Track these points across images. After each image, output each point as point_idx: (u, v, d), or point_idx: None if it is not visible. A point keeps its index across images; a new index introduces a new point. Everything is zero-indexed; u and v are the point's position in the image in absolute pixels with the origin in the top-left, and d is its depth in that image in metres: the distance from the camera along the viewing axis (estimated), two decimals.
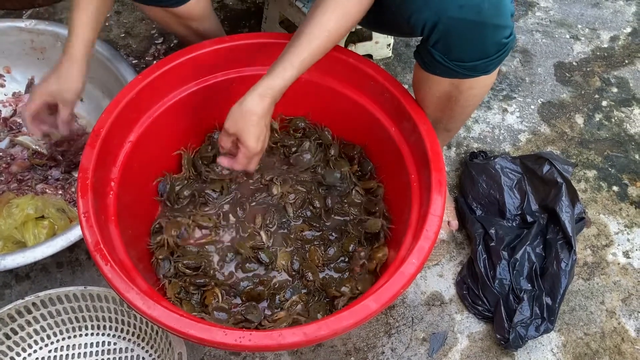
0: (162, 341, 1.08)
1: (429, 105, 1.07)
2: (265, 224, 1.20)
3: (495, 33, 0.90)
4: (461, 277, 1.28)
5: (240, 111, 0.96)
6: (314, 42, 0.94)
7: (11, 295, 1.22)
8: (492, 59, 0.94)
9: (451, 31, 0.90)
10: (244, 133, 0.97)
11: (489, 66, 0.96)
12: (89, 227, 0.92)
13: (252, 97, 0.95)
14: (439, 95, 1.04)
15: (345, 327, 0.85)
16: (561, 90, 1.65)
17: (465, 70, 0.96)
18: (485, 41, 0.91)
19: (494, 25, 0.89)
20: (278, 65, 0.95)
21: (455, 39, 0.91)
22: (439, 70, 0.98)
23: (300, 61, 0.94)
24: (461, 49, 0.93)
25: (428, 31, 0.91)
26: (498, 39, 0.91)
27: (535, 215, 1.30)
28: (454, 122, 1.13)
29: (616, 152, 1.53)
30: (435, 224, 0.95)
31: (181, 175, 1.22)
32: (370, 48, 1.62)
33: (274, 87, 0.95)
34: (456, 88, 1.01)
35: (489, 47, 0.92)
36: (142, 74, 1.09)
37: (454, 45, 0.92)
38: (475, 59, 0.94)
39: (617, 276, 1.32)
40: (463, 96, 1.03)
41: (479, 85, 1.00)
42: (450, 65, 0.95)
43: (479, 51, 0.93)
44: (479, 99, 1.06)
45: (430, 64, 0.98)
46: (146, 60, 1.62)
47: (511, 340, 1.15)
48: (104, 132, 1.01)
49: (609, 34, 1.80)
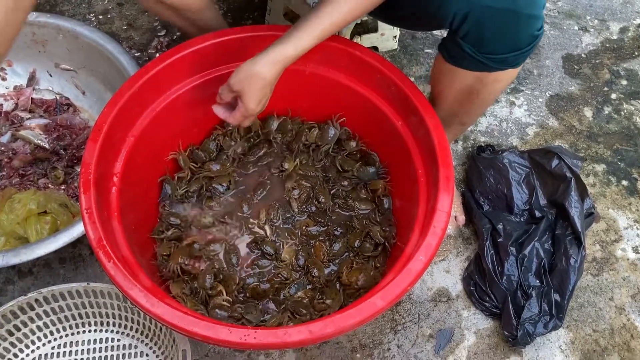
0: (166, 338, 1.07)
1: (448, 98, 1.04)
2: (269, 218, 1.18)
3: (529, 24, 0.87)
4: (468, 273, 1.27)
5: (250, 72, 0.95)
6: (336, 15, 0.92)
7: (14, 291, 1.21)
8: (523, 52, 0.91)
9: (484, 21, 0.87)
10: (248, 94, 0.96)
11: (519, 59, 0.93)
12: (92, 223, 0.91)
13: (264, 61, 0.94)
14: (460, 88, 1.01)
15: (351, 324, 0.84)
16: (569, 82, 1.62)
17: (495, 63, 0.93)
18: (519, 32, 0.88)
19: (528, 15, 0.86)
20: (294, 33, 0.94)
21: (488, 29, 0.88)
22: (466, 63, 0.95)
23: (321, 30, 0.93)
24: (494, 41, 0.90)
25: (458, 22, 0.88)
26: (531, 31, 0.88)
27: (543, 210, 1.28)
28: (470, 116, 1.11)
29: (625, 145, 1.50)
30: (442, 220, 0.93)
31: (184, 175, 1.20)
32: (376, 40, 1.60)
33: (287, 54, 0.94)
34: (480, 81, 0.98)
35: (522, 39, 0.89)
36: (145, 67, 1.07)
37: (486, 37, 0.89)
38: (507, 51, 0.91)
39: (627, 272, 1.30)
40: (486, 89, 1.00)
41: (505, 78, 0.98)
42: (480, 58, 0.92)
43: (511, 43, 0.90)
44: (499, 93, 1.04)
45: (458, 56, 0.95)
46: (149, 53, 1.61)
47: (519, 337, 1.14)
48: (106, 126, 1.00)
49: (619, 25, 1.77)
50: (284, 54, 0.94)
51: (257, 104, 0.98)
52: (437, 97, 1.09)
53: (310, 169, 1.24)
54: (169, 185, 1.18)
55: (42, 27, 1.38)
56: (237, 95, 0.98)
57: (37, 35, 1.39)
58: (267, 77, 0.95)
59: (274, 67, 0.94)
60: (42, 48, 1.42)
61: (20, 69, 1.45)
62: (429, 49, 1.66)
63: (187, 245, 1.12)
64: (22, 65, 1.45)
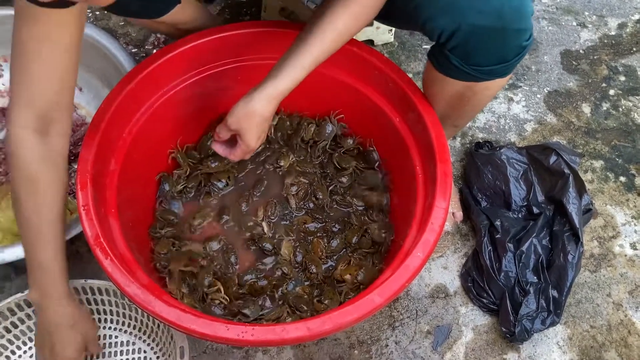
0: (163, 335, 1.07)
1: (440, 103, 1.04)
2: (267, 215, 1.18)
3: (516, 37, 0.87)
4: (466, 270, 1.27)
5: (246, 111, 0.95)
6: (326, 43, 0.92)
7: (11, 288, 1.21)
8: (511, 63, 0.92)
9: (471, 38, 0.87)
10: (247, 132, 0.97)
11: (506, 69, 0.93)
12: (89, 220, 0.91)
13: (260, 98, 0.94)
14: (451, 94, 1.01)
15: (349, 321, 0.84)
16: (568, 78, 1.62)
17: (482, 74, 0.93)
18: (505, 46, 0.88)
19: (515, 30, 0.86)
20: (287, 65, 0.93)
21: (475, 45, 0.88)
22: (454, 73, 0.95)
23: (312, 61, 0.92)
24: (481, 55, 0.90)
25: (445, 38, 0.89)
26: (519, 43, 0.88)
27: (541, 206, 1.28)
28: (463, 119, 1.11)
29: (623, 142, 1.50)
30: (440, 217, 0.93)
31: (182, 172, 1.20)
32: (371, 33, 1.59)
33: (282, 89, 0.93)
34: (470, 89, 0.98)
35: (509, 52, 0.89)
36: (142, 64, 1.07)
37: (473, 51, 0.89)
38: (494, 63, 0.91)
39: (624, 268, 1.30)
40: (476, 97, 1.00)
41: (494, 87, 0.98)
42: (467, 70, 0.93)
43: (498, 56, 0.90)
44: (491, 98, 1.04)
45: (445, 66, 0.95)
46: (146, 49, 1.60)
47: (517, 333, 1.14)
48: (103, 123, 1.00)
49: (617, 21, 1.76)
50: (278, 89, 0.93)
51: (256, 140, 0.99)
52: (430, 101, 1.09)
53: (308, 166, 1.24)
54: (166, 182, 1.18)
55: None
56: (236, 133, 0.99)
57: None
58: (264, 114, 0.95)
59: (270, 103, 0.94)
60: None
61: None
62: (427, 44, 1.66)
63: (188, 250, 1.12)
64: None
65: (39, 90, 0.88)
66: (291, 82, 0.93)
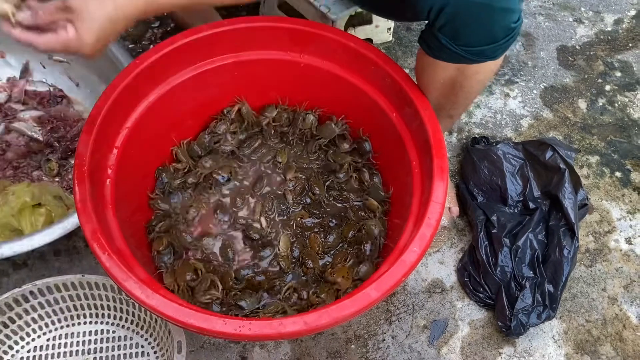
0: (161, 329, 1.07)
1: (433, 92, 1.05)
2: (264, 210, 1.18)
3: (503, 17, 0.88)
4: (462, 264, 1.27)
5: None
6: None
7: (8, 283, 1.21)
8: (500, 44, 0.92)
9: (459, 14, 0.87)
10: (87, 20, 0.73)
11: (496, 51, 0.94)
12: (86, 215, 0.91)
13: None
14: (443, 81, 1.02)
15: (346, 315, 0.84)
16: (564, 74, 1.63)
17: (472, 55, 0.94)
18: (494, 25, 0.89)
19: (503, 8, 0.87)
20: None
21: (463, 22, 0.88)
22: (445, 55, 0.96)
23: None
24: (469, 33, 0.90)
25: (434, 15, 0.89)
26: (506, 23, 0.89)
27: (537, 201, 1.29)
28: (457, 108, 1.12)
29: (619, 137, 1.51)
30: (437, 212, 0.93)
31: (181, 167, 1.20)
32: (370, 32, 1.59)
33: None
34: (462, 73, 0.99)
35: (498, 32, 0.90)
36: (139, 59, 1.07)
37: (461, 30, 0.90)
38: (483, 44, 0.92)
39: (619, 263, 1.31)
40: (468, 82, 1.01)
41: (485, 71, 0.99)
42: (457, 50, 0.93)
43: (487, 35, 0.90)
44: (483, 85, 1.04)
45: (436, 49, 0.96)
46: (142, 45, 1.60)
47: (512, 327, 1.14)
48: (100, 118, 0.99)
49: (613, 17, 1.77)
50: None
51: (95, 38, 0.74)
52: (423, 91, 1.09)
53: (304, 161, 1.24)
54: (165, 174, 1.18)
55: None
56: (69, 17, 0.74)
57: None
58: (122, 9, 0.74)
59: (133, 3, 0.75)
60: None
61: (13, 60, 1.44)
62: None
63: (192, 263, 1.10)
64: (15, 56, 1.44)
65: None
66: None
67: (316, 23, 1.16)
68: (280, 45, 1.16)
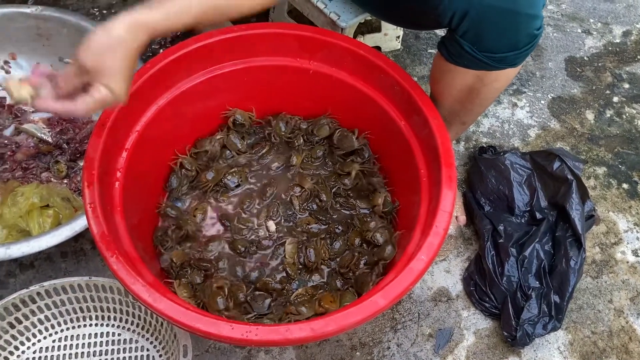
0: (167, 333, 1.07)
1: (448, 98, 1.04)
2: (269, 216, 1.19)
3: (528, 23, 0.88)
4: (468, 273, 1.27)
5: (108, 41, 0.72)
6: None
7: (15, 284, 1.21)
8: (522, 51, 0.92)
9: (483, 20, 0.87)
10: (110, 71, 0.72)
11: (517, 58, 0.94)
12: (95, 217, 0.91)
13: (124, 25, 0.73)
14: (460, 87, 1.01)
15: (353, 323, 0.84)
16: (572, 85, 1.63)
17: (493, 61, 0.93)
18: (518, 31, 0.89)
19: (528, 14, 0.87)
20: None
21: (487, 28, 0.88)
22: (466, 62, 0.95)
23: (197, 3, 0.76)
24: (492, 39, 0.90)
25: (458, 20, 0.88)
26: (530, 30, 0.89)
27: (544, 212, 1.28)
28: (471, 115, 1.11)
29: (627, 149, 1.51)
30: (444, 220, 0.93)
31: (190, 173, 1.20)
32: (379, 40, 1.60)
33: (154, 19, 0.75)
34: (480, 80, 0.98)
35: (521, 38, 0.89)
36: (149, 63, 1.08)
37: (485, 35, 0.89)
38: (506, 50, 0.91)
39: (626, 275, 1.30)
40: (486, 89, 1.00)
41: (503, 78, 0.98)
42: (479, 56, 0.92)
43: (510, 42, 0.90)
44: (500, 92, 1.04)
45: (456, 54, 0.95)
46: (152, 49, 1.61)
47: (518, 337, 1.14)
48: (110, 121, 1.00)
49: (622, 28, 1.77)
50: (150, 18, 0.75)
51: (125, 86, 0.75)
52: (438, 97, 1.09)
53: (311, 167, 1.25)
54: (175, 178, 1.18)
55: (46, 20, 1.38)
56: (91, 76, 0.73)
57: (41, 29, 1.39)
58: (132, 46, 0.73)
59: (139, 33, 0.74)
60: (46, 42, 1.42)
61: (24, 62, 1.45)
62: (432, 49, 1.67)
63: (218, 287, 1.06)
64: (26, 58, 1.45)
65: None
66: (167, 15, 0.75)
67: (326, 30, 1.16)
68: (290, 52, 1.17)
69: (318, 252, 1.14)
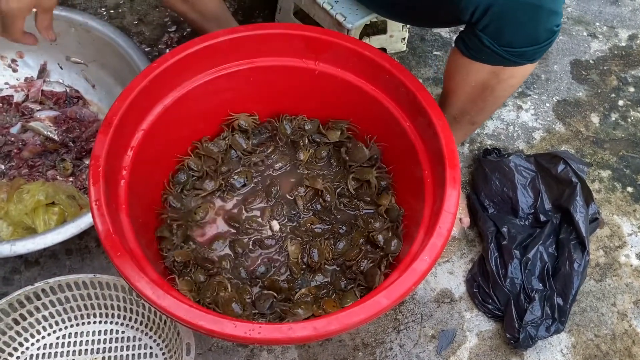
0: (170, 331, 1.07)
1: (461, 95, 1.04)
2: (273, 215, 1.19)
3: (549, 18, 0.88)
4: (472, 275, 1.27)
5: None
6: None
7: (20, 280, 1.22)
8: (541, 46, 0.92)
9: (506, 14, 0.87)
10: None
11: (536, 53, 0.94)
12: (100, 215, 0.92)
13: None
14: (474, 84, 1.01)
15: (355, 322, 0.84)
16: (577, 88, 1.63)
17: (512, 56, 0.93)
18: (539, 26, 0.89)
19: (550, 9, 0.87)
20: None
21: (509, 22, 0.88)
22: (484, 56, 0.95)
23: None
24: (513, 33, 0.90)
25: (480, 14, 0.89)
26: (550, 26, 0.89)
27: (548, 214, 1.28)
28: (481, 115, 1.11)
29: (631, 152, 1.51)
30: (448, 221, 0.93)
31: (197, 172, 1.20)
32: (384, 41, 1.60)
33: None
34: (496, 76, 0.98)
35: (541, 33, 0.90)
36: (156, 62, 1.08)
37: (506, 29, 0.89)
38: (526, 45, 0.91)
39: (630, 278, 1.30)
40: (500, 85, 1.00)
41: (519, 74, 0.98)
42: (498, 51, 0.93)
43: (530, 37, 0.90)
44: (513, 90, 1.04)
45: (475, 49, 0.95)
46: (159, 48, 1.62)
47: (521, 339, 1.14)
48: (116, 120, 1.00)
49: (628, 32, 1.77)
50: None
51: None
52: (450, 94, 1.08)
53: (316, 167, 1.25)
54: (183, 174, 1.18)
55: (54, 19, 1.37)
56: None
57: None
58: None
59: None
60: (54, 41, 1.42)
61: (31, 60, 1.46)
62: (438, 51, 1.67)
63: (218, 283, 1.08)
64: (33, 57, 1.46)
65: None
66: None
67: (331, 31, 1.16)
68: (296, 52, 1.17)
69: (322, 252, 1.14)
